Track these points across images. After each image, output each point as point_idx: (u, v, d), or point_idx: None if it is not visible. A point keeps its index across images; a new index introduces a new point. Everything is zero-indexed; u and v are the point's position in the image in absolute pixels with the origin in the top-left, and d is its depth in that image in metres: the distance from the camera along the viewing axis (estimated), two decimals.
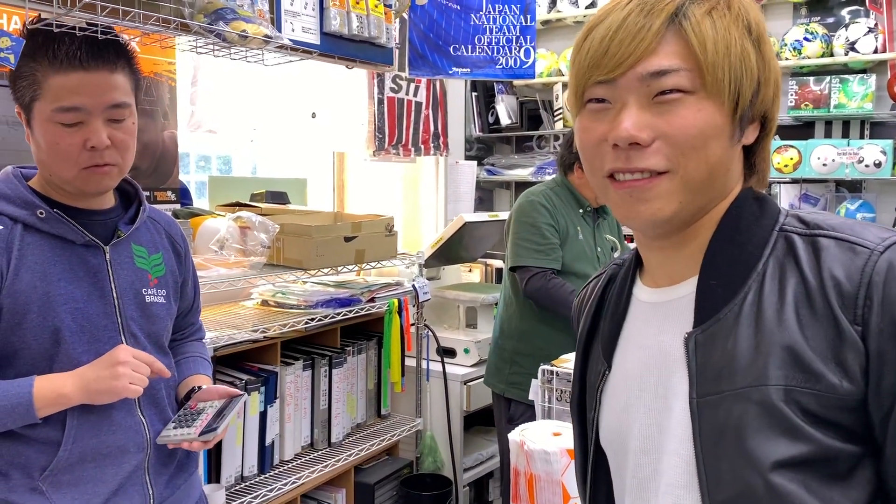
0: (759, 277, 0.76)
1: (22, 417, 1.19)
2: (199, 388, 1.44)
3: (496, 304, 3.22)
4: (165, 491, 1.35)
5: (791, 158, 3.42)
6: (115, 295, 1.30)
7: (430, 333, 3.09)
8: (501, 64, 3.94)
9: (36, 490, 1.22)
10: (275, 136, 3.07)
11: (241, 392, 1.41)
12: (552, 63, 4.14)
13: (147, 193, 1.47)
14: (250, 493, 2.25)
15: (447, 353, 3.13)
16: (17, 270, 1.21)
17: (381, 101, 3.54)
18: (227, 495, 2.20)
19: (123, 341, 1.30)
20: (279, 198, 3.08)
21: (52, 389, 1.20)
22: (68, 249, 1.26)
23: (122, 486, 1.29)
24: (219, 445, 2.21)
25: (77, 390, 1.21)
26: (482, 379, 2.89)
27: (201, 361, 1.55)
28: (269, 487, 2.29)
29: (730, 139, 0.77)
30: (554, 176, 2.73)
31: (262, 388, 2.34)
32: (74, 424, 1.24)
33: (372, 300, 2.72)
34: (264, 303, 2.60)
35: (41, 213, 1.24)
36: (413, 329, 3.02)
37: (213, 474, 2.22)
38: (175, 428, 1.32)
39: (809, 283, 0.73)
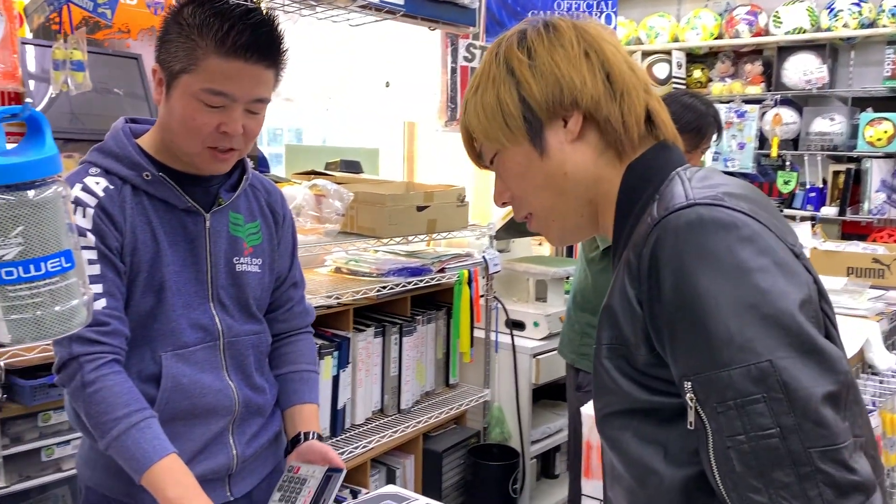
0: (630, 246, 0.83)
1: (130, 471, 1.18)
2: (304, 435, 1.40)
3: (567, 277, 3.18)
4: (248, 450, 1.37)
5: (885, 132, 3.25)
6: (209, 263, 1.31)
7: (499, 305, 3.09)
8: None
9: None
10: (348, 105, 3.08)
11: (343, 466, 1.38)
12: (631, 31, 4.03)
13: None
14: None
15: (516, 325, 3.12)
16: (133, 228, 1.24)
17: (454, 71, 3.51)
18: None
19: (211, 308, 1.32)
20: (353, 167, 3.11)
21: (161, 485, 1.15)
22: (170, 213, 1.28)
23: (207, 445, 1.32)
24: None
25: None
26: (551, 352, 2.86)
27: (308, 378, 1.49)
28: (341, 450, 2.33)
29: (540, 157, 0.89)
30: None
31: (336, 353, 2.38)
32: (168, 387, 1.27)
33: (442, 270, 2.72)
34: (338, 270, 2.63)
35: (147, 176, 1.25)
36: (482, 301, 3.02)
37: None
38: (280, 500, 1.33)
39: (630, 249, 0.81)
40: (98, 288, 1.20)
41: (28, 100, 0.72)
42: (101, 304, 1.20)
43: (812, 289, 0.75)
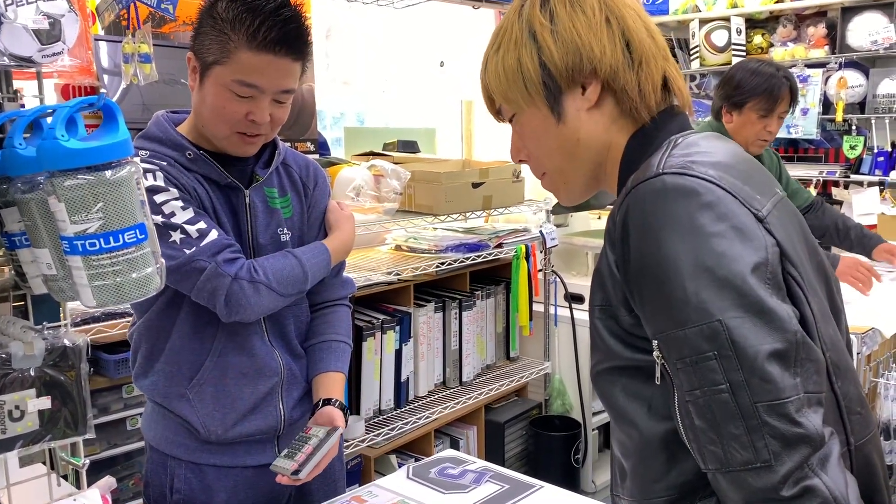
0: None
1: (326, 269, 1.45)
2: (323, 402, 1.45)
3: None
4: (294, 413, 1.47)
5: None
6: (251, 235, 1.41)
7: (557, 279, 3.11)
8: None
9: (184, 398, 1.38)
10: (405, 87, 3.14)
11: (341, 426, 1.42)
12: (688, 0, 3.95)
13: (287, 145, 1.55)
14: (387, 426, 2.39)
15: (575, 299, 3.14)
16: (196, 193, 1.34)
17: None
18: (365, 426, 2.35)
19: None
20: (410, 147, 3.17)
21: (341, 242, 1.49)
22: (214, 188, 1.38)
23: (257, 405, 1.42)
24: (358, 380, 2.36)
25: (349, 243, 1.51)
26: None
27: (334, 348, 1.52)
28: (405, 421, 2.42)
29: (557, 123, 0.90)
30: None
31: (398, 328, 2.46)
32: (222, 340, 1.38)
33: (500, 246, 2.77)
34: (397, 248, 2.71)
35: (189, 155, 1.36)
36: (540, 275, 3.05)
37: (354, 407, 2.37)
38: (285, 456, 1.38)
39: (609, 217, 0.84)
40: (202, 223, 1.30)
41: (102, 90, 0.81)
42: (214, 233, 1.30)
43: (771, 252, 0.77)
